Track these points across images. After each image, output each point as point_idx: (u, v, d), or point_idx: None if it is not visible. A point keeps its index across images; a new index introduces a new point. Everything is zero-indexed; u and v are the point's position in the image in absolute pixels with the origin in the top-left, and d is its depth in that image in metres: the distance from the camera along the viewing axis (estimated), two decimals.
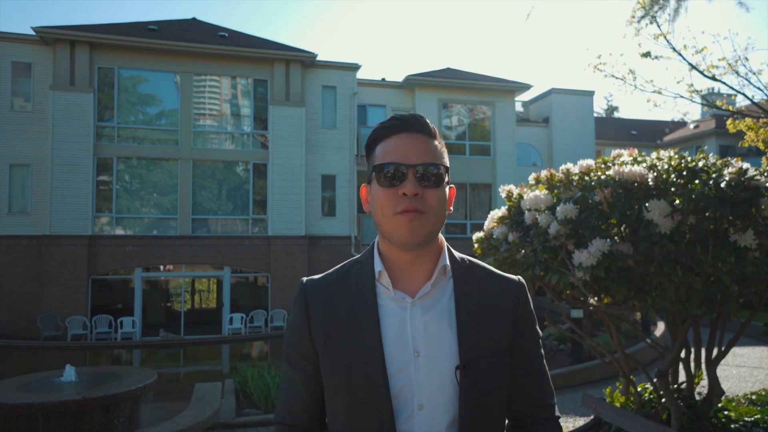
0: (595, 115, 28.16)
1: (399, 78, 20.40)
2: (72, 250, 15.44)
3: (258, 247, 17.05)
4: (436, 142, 1.20)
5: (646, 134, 29.23)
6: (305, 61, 17.76)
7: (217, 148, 17.52)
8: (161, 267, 16.91)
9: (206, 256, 16.65)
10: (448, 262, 1.22)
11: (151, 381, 5.34)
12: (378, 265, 1.20)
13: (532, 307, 1.28)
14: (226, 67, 17.38)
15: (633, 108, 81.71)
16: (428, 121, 1.21)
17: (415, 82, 19.91)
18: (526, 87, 21.02)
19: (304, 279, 1.28)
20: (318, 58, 17.84)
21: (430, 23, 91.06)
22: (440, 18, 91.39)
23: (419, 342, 1.14)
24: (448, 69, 22.00)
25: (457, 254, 1.28)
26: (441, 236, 1.26)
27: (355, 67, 18.60)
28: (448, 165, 1.22)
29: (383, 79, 20.66)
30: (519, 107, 25.16)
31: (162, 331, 15.02)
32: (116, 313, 15.73)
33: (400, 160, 1.14)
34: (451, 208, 1.25)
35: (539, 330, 1.30)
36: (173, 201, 16.76)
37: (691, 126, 28.09)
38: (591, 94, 23.97)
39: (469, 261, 1.28)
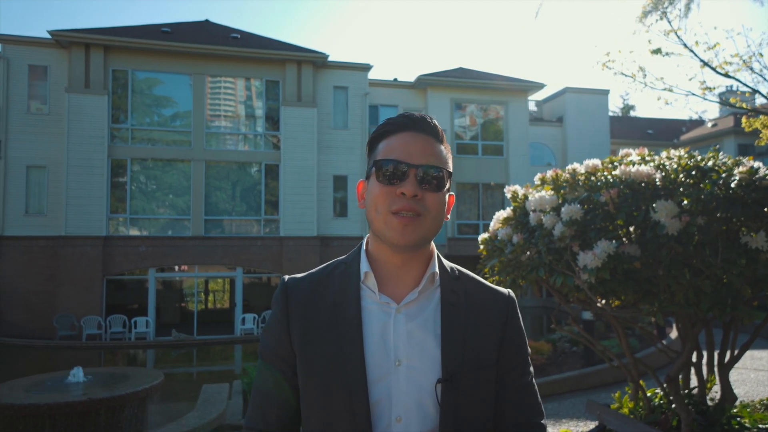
0: (610, 114, 27.83)
1: (411, 78, 20.36)
2: (87, 250, 15.61)
3: (270, 248, 17.11)
4: (442, 146, 1.16)
5: (663, 133, 28.81)
6: (317, 61, 17.78)
7: (229, 149, 17.61)
8: (176, 267, 17.05)
9: (219, 256, 16.75)
10: (437, 269, 1.17)
11: (157, 382, 5.35)
12: (364, 266, 1.15)
13: (521, 321, 1.23)
14: (238, 69, 17.46)
15: (649, 107, 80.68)
16: (437, 123, 1.17)
17: (427, 82, 19.84)
18: (539, 86, 20.84)
19: (286, 277, 1.22)
20: (329, 59, 17.85)
21: (441, 23, 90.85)
22: (452, 17, 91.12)
23: (401, 350, 1.09)
24: (461, 69, 21.89)
25: (446, 263, 1.23)
26: (432, 243, 1.21)
27: (366, 68, 18.58)
28: (452, 171, 1.17)
29: (395, 79, 20.62)
30: (533, 107, 24.96)
31: (174, 332, 15.13)
32: (130, 313, 15.88)
33: (402, 158, 1.10)
34: (449, 216, 1.20)
35: (528, 346, 1.24)
36: (187, 202, 16.88)
37: (709, 124, 27.64)
38: (606, 93, 23.68)
39: (459, 271, 1.23)
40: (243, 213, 17.43)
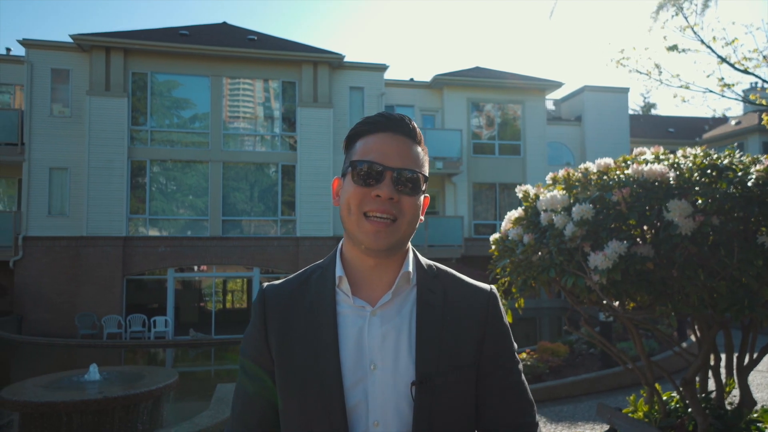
0: (630, 112, 27.42)
1: (427, 78, 20.31)
2: (107, 250, 15.87)
3: (286, 248, 17.20)
4: (419, 148, 1.15)
5: (685, 131, 28.26)
6: (333, 62, 17.83)
7: (246, 150, 17.75)
8: (194, 268, 17.24)
9: (236, 256, 16.89)
10: (410, 269, 1.15)
11: (171, 381, 5.41)
12: (339, 271, 1.14)
13: (505, 318, 1.20)
14: (255, 70, 17.59)
15: (671, 105, 79.36)
16: (415, 124, 1.16)
17: (443, 82, 19.77)
18: (557, 85, 20.63)
19: (265, 284, 1.23)
20: (345, 59, 17.89)
21: (458, 22, 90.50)
22: (468, 17, 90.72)
23: (376, 354, 1.08)
24: (477, 68, 21.77)
25: (424, 261, 1.21)
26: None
27: (382, 68, 18.58)
28: (428, 174, 1.17)
29: (411, 79, 20.59)
30: (550, 105, 24.71)
31: (192, 331, 15.29)
32: (150, 313, 16.09)
33: (379, 159, 1.09)
34: (422, 217, 1.18)
35: (515, 343, 1.21)
36: (205, 203, 17.07)
37: (733, 122, 27.03)
38: (626, 91, 23.34)
39: (437, 268, 1.20)
40: (260, 213, 17.55)
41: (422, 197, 1.14)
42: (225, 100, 17.53)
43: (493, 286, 1.23)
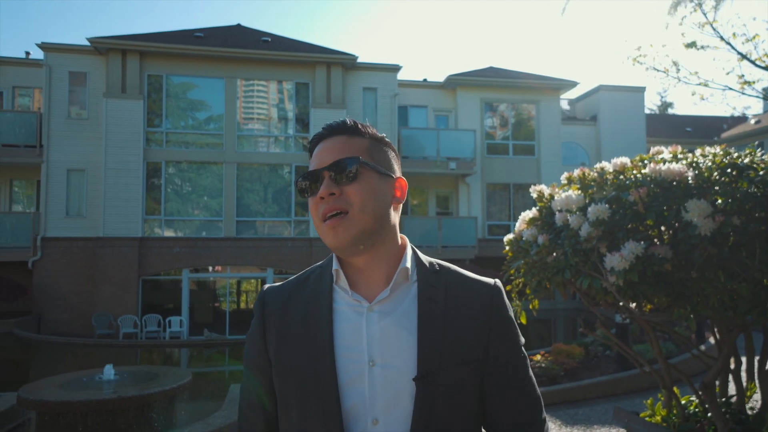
0: (647, 112, 27.10)
1: (440, 78, 20.25)
2: (123, 251, 16.04)
3: (300, 249, 17.25)
4: (361, 139, 1.13)
5: (703, 131, 27.84)
6: (346, 63, 17.84)
7: (260, 151, 17.84)
8: (209, 268, 17.35)
9: (250, 257, 16.97)
10: (409, 265, 1.12)
11: (185, 381, 5.43)
12: (335, 265, 1.13)
13: (511, 313, 1.16)
14: (270, 72, 17.68)
15: (688, 104, 78.28)
16: (355, 121, 1.15)
17: (456, 82, 19.69)
18: (571, 84, 20.45)
19: (266, 286, 1.23)
20: (359, 60, 17.90)
21: (471, 22, 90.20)
22: (482, 16, 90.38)
23: (375, 350, 1.06)
24: (491, 68, 21.65)
25: (425, 258, 1.18)
26: (405, 238, 1.18)
27: (395, 68, 18.55)
28: (378, 156, 1.13)
29: (425, 80, 20.54)
30: (565, 105, 24.49)
31: (206, 331, 15.39)
32: (165, 313, 16.22)
33: (315, 167, 1.10)
34: (400, 202, 1.15)
35: (521, 338, 1.17)
36: (219, 204, 17.18)
37: (752, 121, 26.58)
38: (642, 90, 23.05)
39: (439, 265, 1.18)
40: (274, 214, 17.62)
41: (381, 182, 1.10)
42: (239, 102, 17.63)
43: (497, 280, 1.19)
